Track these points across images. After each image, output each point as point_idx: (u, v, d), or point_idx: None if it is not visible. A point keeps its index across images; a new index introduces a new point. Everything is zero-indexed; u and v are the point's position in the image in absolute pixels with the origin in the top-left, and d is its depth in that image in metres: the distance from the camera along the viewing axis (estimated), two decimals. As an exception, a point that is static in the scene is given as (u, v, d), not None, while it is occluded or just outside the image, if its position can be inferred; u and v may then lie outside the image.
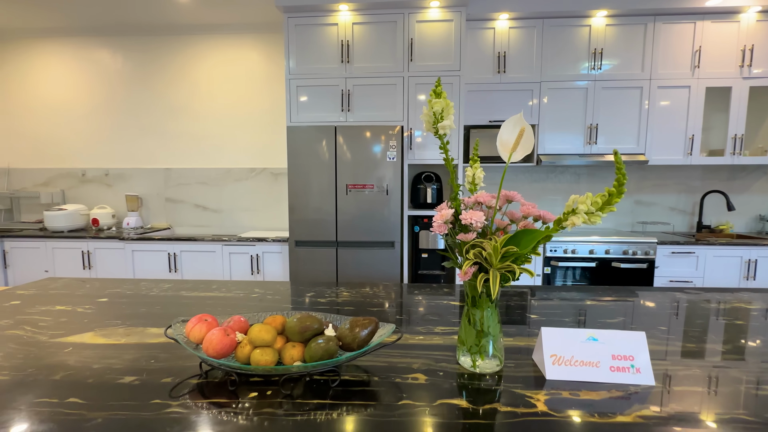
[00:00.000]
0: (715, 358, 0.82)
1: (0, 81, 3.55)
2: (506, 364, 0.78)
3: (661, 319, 1.04)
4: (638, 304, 1.17)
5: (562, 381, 0.71)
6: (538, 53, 2.92)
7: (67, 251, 3.09)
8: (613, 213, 3.32)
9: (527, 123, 0.71)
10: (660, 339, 0.91)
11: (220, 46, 3.38)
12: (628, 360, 0.72)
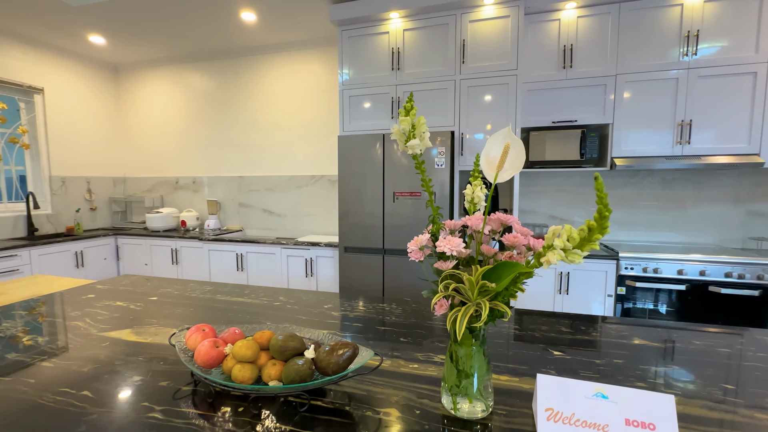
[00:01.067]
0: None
1: (120, 105, 4.31)
2: (497, 410, 0.69)
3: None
4: (747, 353, 0.92)
5: (556, 442, 0.60)
6: (613, 43, 2.57)
7: (161, 248, 3.61)
8: (714, 225, 2.76)
9: (517, 138, 0.62)
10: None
11: (285, 63, 3.64)
12: (648, 429, 0.57)
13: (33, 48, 3.48)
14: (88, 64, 3.98)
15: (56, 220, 3.70)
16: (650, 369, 0.84)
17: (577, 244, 0.48)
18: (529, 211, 3.15)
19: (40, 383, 0.79)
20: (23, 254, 2.94)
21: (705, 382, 0.77)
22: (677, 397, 0.71)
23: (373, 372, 0.82)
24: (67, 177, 3.80)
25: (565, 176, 3.03)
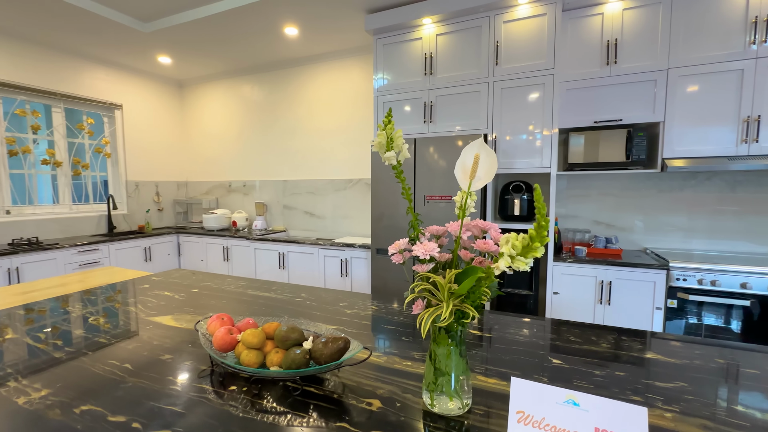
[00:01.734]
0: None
1: (184, 116, 4.81)
2: (475, 410, 0.71)
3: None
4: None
5: (524, 444, 0.61)
6: (664, 35, 2.38)
7: (215, 246, 3.97)
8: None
9: (489, 149, 0.64)
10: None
11: (325, 72, 3.82)
12: (618, 438, 0.57)
13: (114, 70, 4.02)
14: (158, 82, 4.49)
15: (130, 220, 4.23)
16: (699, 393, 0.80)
17: (520, 251, 0.50)
18: (571, 216, 3.00)
19: (95, 354, 0.96)
20: (103, 248, 3.41)
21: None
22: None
23: (367, 366, 0.88)
24: (139, 182, 4.32)
25: (610, 179, 2.85)
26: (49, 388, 0.80)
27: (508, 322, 1.19)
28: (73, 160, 3.73)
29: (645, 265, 2.33)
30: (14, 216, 3.29)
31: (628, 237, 2.83)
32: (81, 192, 3.86)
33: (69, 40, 3.37)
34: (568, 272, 2.54)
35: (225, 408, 0.72)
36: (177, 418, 0.69)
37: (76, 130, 3.77)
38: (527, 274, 2.69)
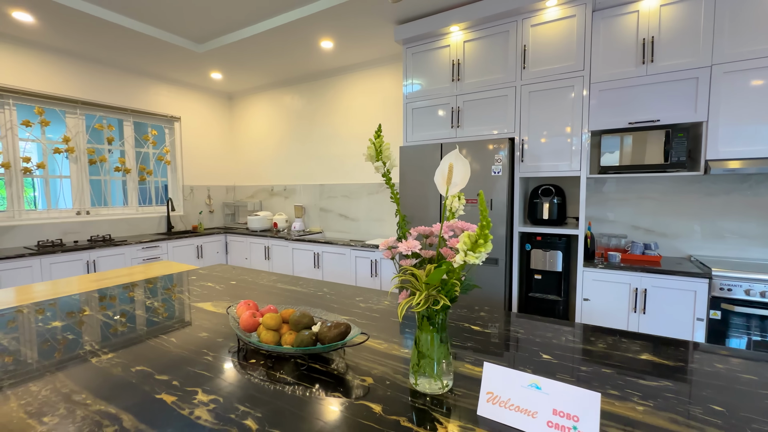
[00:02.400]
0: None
1: (232, 126, 5.24)
2: (455, 390, 0.79)
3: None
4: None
5: (491, 421, 0.69)
6: (707, 30, 2.25)
7: (257, 245, 4.28)
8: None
9: (462, 158, 0.72)
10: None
11: (358, 81, 4.00)
12: (572, 420, 0.63)
13: (174, 86, 4.50)
14: (210, 95, 4.95)
15: (186, 220, 4.68)
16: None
17: (470, 247, 0.58)
18: (607, 221, 2.89)
19: (150, 329, 1.15)
20: (163, 245, 3.83)
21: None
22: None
23: (369, 351, 0.99)
24: (194, 186, 4.78)
25: (650, 182, 2.72)
26: (113, 352, 1.00)
27: (513, 320, 1.24)
28: (140, 167, 4.23)
29: (684, 273, 2.21)
30: (92, 216, 3.81)
31: (670, 243, 2.68)
32: (146, 195, 4.36)
33: (137, 62, 3.84)
34: (599, 278, 2.47)
35: (246, 376, 0.86)
36: (207, 380, 0.85)
37: (142, 140, 4.27)
38: (556, 279, 2.65)
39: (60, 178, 3.64)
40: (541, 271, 2.69)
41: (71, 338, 1.10)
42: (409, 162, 2.91)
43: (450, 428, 0.67)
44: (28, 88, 3.33)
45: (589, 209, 2.94)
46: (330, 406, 0.74)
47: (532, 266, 2.71)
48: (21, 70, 3.29)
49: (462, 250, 0.60)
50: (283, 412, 0.72)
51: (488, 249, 0.59)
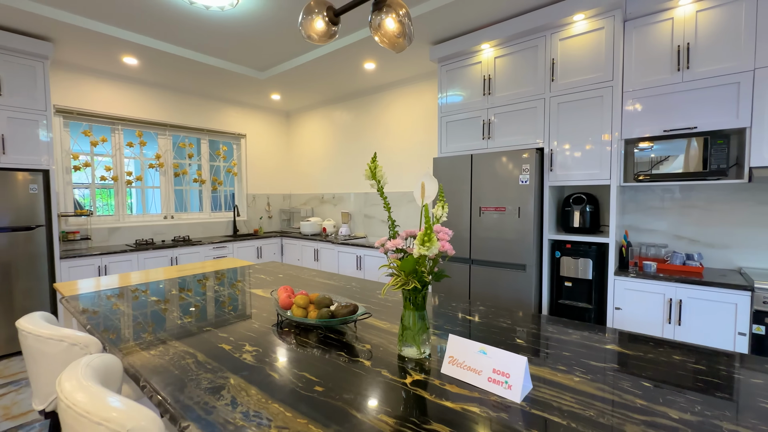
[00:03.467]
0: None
1: (289, 140, 5.82)
2: (433, 357, 1.01)
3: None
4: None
5: (449, 377, 0.90)
6: (748, 32, 2.18)
7: (308, 248, 4.73)
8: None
9: (432, 178, 0.95)
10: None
11: (398, 97, 4.29)
12: (504, 376, 0.82)
13: (240, 108, 5.17)
14: (270, 114, 5.58)
15: (248, 224, 5.31)
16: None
17: (420, 244, 0.81)
18: (648, 230, 2.82)
19: (215, 305, 1.52)
20: (229, 246, 4.42)
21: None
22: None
23: (373, 327, 1.24)
24: (256, 194, 5.40)
25: (693, 190, 2.62)
26: (190, 318, 1.36)
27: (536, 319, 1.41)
28: (212, 179, 4.93)
29: (723, 285, 2.14)
30: (176, 220, 4.53)
31: (719, 254, 2.56)
32: (217, 202, 5.05)
33: (212, 89, 4.53)
34: (631, 288, 2.45)
35: (281, 341, 1.16)
36: (253, 339, 1.16)
37: (215, 155, 4.97)
38: (587, 287, 2.66)
39: (152, 189, 4.41)
40: (572, 279, 2.72)
41: (163, 308, 1.50)
42: (443, 172, 3.11)
43: (415, 378, 0.89)
44: (131, 116, 4.12)
45: (628, 217, 2.89)
46: (334, 360, 1.00)
47: (562, 273, 2.75)
48: (126, 102, 4.08)
49: (417, 245, 0.83)
50: (302, 360, 1.00)
51: (434, 244, 0.81)
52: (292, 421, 0.74)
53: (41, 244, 3.16)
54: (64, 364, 1.05)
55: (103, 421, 0.65)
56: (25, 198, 3.06)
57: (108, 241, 3.98)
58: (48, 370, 1.08)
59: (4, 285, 2.98)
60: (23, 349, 1.14)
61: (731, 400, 0.80)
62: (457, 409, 0.77)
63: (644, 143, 2.54)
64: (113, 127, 4.05)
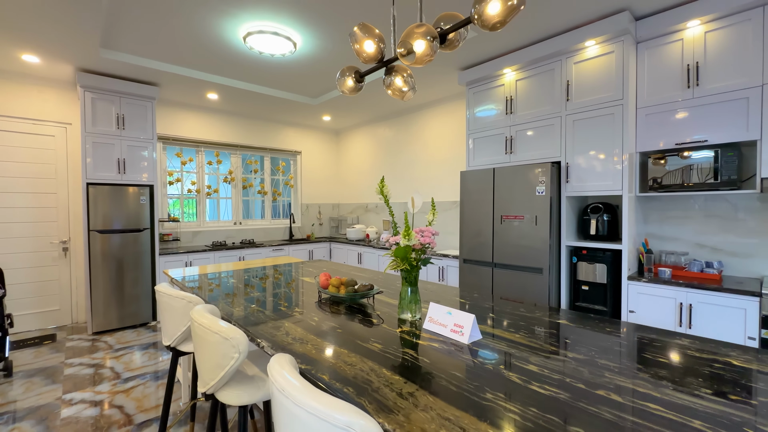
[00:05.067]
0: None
1: (338, 156, 6.48)
2: (421, 320, 1.42)
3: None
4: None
5: (427, 330, 1.31)
6: (756, 50, 2.30)
7: (353, 252, 5.27)
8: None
9: (418, 194, 1.37)
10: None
11: (432, 115, 4.70)
12: (460, 327, 1.22)
13: (297, 128, 5.93)
14: (322, 132, 6.28)
15: (302, 230, 6.01)
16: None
17: (404, 235, 1.22)
18: (670, 238, 2.92)
19: (274, 286, 2.05)
20: (286, 248, 5.11)
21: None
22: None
23: (384, 303, 1.67)
24: (309, 204, 6.10)
25: (711, 201, 2.70)
26: (258, 292, 1.90)
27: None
28: (273, 190, 5.70)
29: (731, 290, 2.25)
30: (243, 226, 5.34)
31: (741, 263, 2.61)
32: (276, 211, 5.81)
33: (273, 114, 5.31)
34: (644, 292, 2.60)
35: (320, 310, 1.64)
36: (302, 307, 1.65)
37: (275, 170, 5.76)
38: (602, 291, 2.83)
39: (225, 199, 5.26)
40: (588, 283, 2.91)
41: (238, 286, 2.06)
42: (469, 184, 3.46)
43: (405, 329, 1.31)
44: (211, 140, 5.01)
45: (649, 226, 3.01)
46: (355, 321, 1.45)
47: (579, 278, 2.95)
48: (207, 128, 4.98)
49: (402, 238, 1.26)
50: (333, 318, 1.47)
51: (412, 238, 1.22)
52: (322, 343, 1.20)
53: (146, 243, 4.03)
54: (183, 314, 1.63)
55: (217, 332, 1.16)
56: (136, 207, 3.96)
57: (192, 242, 4.86)
58: (173, 317, 1.66)
59: (119, 274, 3.87)
60: (158, 305, 1.75)
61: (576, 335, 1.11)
62: (424, 344, 1.18)
63: (657, 156, 2.69)
64: (197, 149, 4.96)
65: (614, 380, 0.95)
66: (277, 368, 0.83)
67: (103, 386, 2.65)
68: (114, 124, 3.83)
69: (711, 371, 1.00)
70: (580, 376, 0.97)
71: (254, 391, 1.27)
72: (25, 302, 3.83)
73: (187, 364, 2.46)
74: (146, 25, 2.85)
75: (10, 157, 3.73)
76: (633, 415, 0.80)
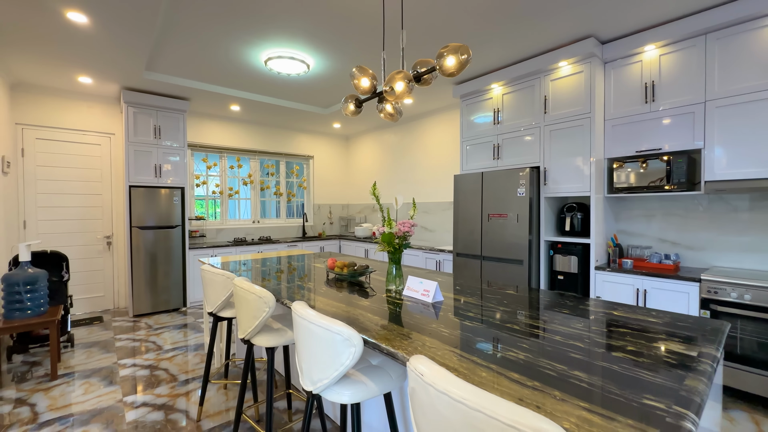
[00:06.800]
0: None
1: (348, 160, 6.98)
2: (403, 289, 1.88)
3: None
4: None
5: (406, 295, 1.77)
6: (698, 72, 2.68)
7: (361, 248, 5.74)
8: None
9: (401, 196, 1.82)
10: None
11: (431, 123, 5.15)
12: (429, 291, 1.67)
13: (310, 135, 6.45)
14: (333, 138, 6.79)
15: (314, 229, 6.52)
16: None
17: (387, 225, 1.68)
18: (637, 234, 3.30)
19: (289, 271, 2.54)
20: (299, 245, 5.62)
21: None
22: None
23: (376, 281, 2.14)
24: (320, 204, 6.61)
25: (670, 200, 3.08)
26: (280, 273, 2.39)
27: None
28: (288, 192, 6.23)
29: (678, 277, 2.63)
30: (261, 224, 5.88)
31: (696, 255, 2.98)
32: (290, 211, 6.34)
33: (289, 122, 5.84)
34: (609, 280, 3.00)
35: (327, 286, 2.11)
36: (314, 282, 2.13)
37: (290, 173, 6.29)
38: (575, 279, 3.23)
39: (245, 200, 5.81)
40: (563, 273, 3.31)
41: (262, 269, 2.55)
42: (462, 186, 3.90)
43: (390, 296, 1.78)
44: (232, 146, 5.56)
45: (620, 224, 3.39)
46: (354, 293, 1.92)
47: (555, 268, 3.35)
48: (229, 136, 5.54)
49: (386, 227, 1.72)
50: (336, 292, 1.94)
51: (392, 226, 1.68)
52: (328, 304, 1.67)
53: (178, 239, 4.59)
54: (223, 287, 2.12)
55: (253, 292, 1.65)
56: (169, 206, 4.52)
57: (216, 238, 5.42)
58: (215, 290, 2.16)
59: (152, 267, 4.43)
60: (203, 281, 2.24)
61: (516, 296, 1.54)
62: (402, 303, 1.64)
63: (622, 161, 3.08)
64: (220, 155, 5.52)
65: (515, 315, 1.39)
66: (297, 306, 1.31)
67: (149, 355, 3.18)
68: (152, 134, 4.40)
69: (599, 316, 1.43)
70: (494, 315, 1.42)
71: (278, 338, 1.75)
72: (76, 289, 4.43)
73: (220, 336, 2.97)
74: (182, 51, 3.39)
75: (65, 163, 4.33)
76: (519, 333, 1.24)
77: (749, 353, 2.36)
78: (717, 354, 1.07)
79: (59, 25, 2.78)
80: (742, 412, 2.29)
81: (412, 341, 1.20)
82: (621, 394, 0.84)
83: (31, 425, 2.16)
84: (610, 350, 1.11)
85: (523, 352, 1.11)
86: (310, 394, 1.26)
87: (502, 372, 0.97)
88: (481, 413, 0.67)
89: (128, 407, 2.35)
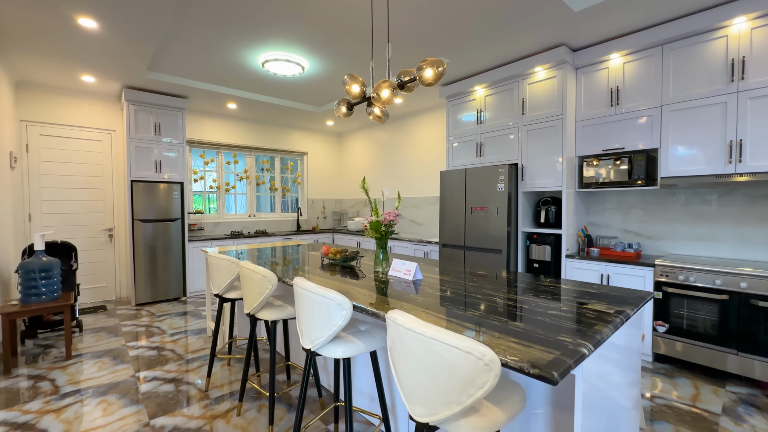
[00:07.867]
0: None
1: (341, 156, 7.21)
2: (388, 271, 2.15)
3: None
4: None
5: (391, 275, 2.04)
6: (656, 79, 2.98)
7: (353, 241, 5.99)
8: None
9: (387, 189, 2.09)
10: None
11: (420, 122, 5.41)
12: (410, 271, 1.95)
13: (304, 132, 6.67)
14: (326, 135, 7.01)
15: (308, 223, 6.76)
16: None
17: (374, 213, 1.94)
18: (605, 225, 3.62)
19: (285, 258, 2.79)
20: (294, 238, 5.86)
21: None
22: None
23: (368, 265, 2.41)
24: (314, 199, 6.85)
25: (632, 195, 3.39)
26: (275, 263, 2.64)
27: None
28: (282, 187, 6.45)
29: (636, 263, 2.94)
30: (256, 218, 6.10)
31: (655, 244, 3.30)
32: (285, 205, 6.56)
33: (284, 120, 6.05)
34: (577, 266, 3.31)
35: (322, 270, 2.37)
36: (311, 266, 2.39)
37: (284, 169, 6.51)
38: (549, 267, 3.53)
39: (241, 194, 6.02)
40: (538, 261, 3.62)
41: (261, 257, 2.81)
42: (447, 182, 4.18)
43: (377, 277, 2.05)
44: (229, 143, 5.76)
45: (591, 216, 3.71)
46: (346, 275, 2.19)
47: (531, 257, 3.66)
48: (226, 132, 5.74)
49: (374, 216, 1.98)
50: (331, 275, 2.20)
51: (379, 215, 1.94)
52: (323, 283, 1.94)
53: (177, 231, 4.80)
54: (228, 271, 2.37)
55: (258, 272, 1.90)
56: (169, 200, 4.72)
57: (214, 231, 5.64)
58: (221, 274, 2.40)
59: (153, 258, 4.64)
60: (209, 267, 2.49)
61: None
62: (385, 281, 1.91)
63: (591, 159, 3.38)
64: (217, 151, 5.72)
65: (481, 288, 1.68)
66: (298, 280, 1.57)
67: (155, 338, 3.42)
68: (152, 131, 4.60)
69: (541, 288, 1.72)
70: (463, 289, 1.70)
71: (279, 313, 2.01)
72: (80, 279, 4.62)
73: (223, 318, 3.22)
74: (183, 53, 3.59)
75: (67, 159, 4.51)
76: (468, 295, 1.52)
77: (693, 329, 2.68)
78: (630, 312, 1.36)
79: (69, 29, 2.97)
80: (686, 379, 2.62)
81: (391, 306, 1.47)
82: (543, 335, 1.12)
83: (54, 396, 2.40)
84: (548, 309, 1.40)
85: (479, 311, 1.39)
86: (309, 352, 1.53)
87: (459, 323, 1.25)
88: (434, 340, 0.95)
89: (141, 381, 2.59)
